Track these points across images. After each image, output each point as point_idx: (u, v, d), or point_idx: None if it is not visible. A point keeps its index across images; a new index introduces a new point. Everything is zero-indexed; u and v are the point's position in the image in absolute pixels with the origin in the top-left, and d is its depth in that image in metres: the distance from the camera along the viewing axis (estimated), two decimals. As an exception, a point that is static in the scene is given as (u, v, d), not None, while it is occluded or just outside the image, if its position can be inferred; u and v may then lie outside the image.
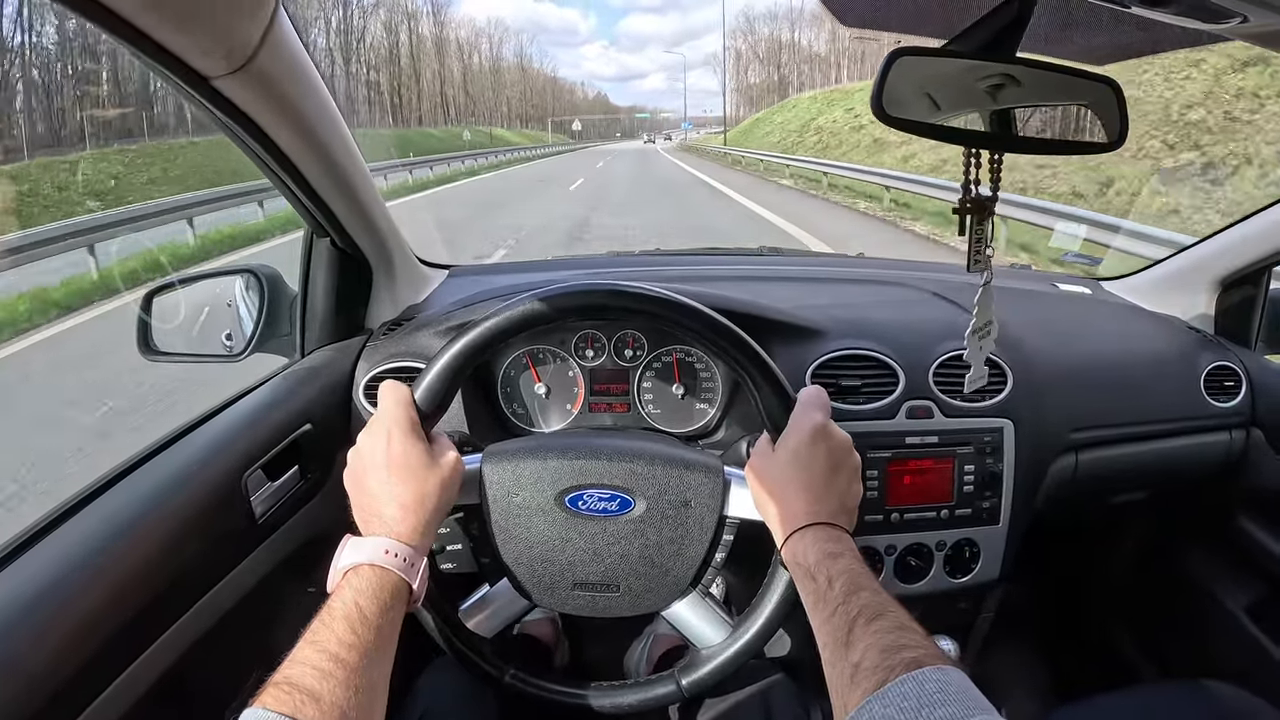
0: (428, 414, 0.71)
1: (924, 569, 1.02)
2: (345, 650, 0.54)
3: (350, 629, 0.56)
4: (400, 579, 0.62)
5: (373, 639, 0.56)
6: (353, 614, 0.57)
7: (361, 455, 0.69)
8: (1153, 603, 1.45)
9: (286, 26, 0.70)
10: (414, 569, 0.64)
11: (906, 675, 0.49)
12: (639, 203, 14.78)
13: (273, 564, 0.87)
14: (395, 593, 0.61)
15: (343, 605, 0.58)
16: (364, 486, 0.67)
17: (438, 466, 0.68)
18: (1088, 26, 0.84)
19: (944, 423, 1.01)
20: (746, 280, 1.24)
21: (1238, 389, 1.22)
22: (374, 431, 0.69)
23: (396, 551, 0.63)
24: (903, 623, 0.55)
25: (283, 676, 0.52)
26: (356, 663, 0.54)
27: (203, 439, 0.84)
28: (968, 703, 0.47)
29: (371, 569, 0.61)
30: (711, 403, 1.06)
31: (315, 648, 0.54)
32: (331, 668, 0.52)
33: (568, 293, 0.74)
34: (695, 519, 0.74)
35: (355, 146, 0.91)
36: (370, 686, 0.54)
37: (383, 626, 0.58)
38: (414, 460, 0.67)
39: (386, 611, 0.59)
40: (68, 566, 0.64)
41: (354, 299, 1.10)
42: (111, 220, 7.42)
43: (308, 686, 0.51)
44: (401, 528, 0.65)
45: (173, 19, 0.59)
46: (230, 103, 0.72)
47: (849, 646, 0.55)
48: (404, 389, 0.71)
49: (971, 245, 0.79)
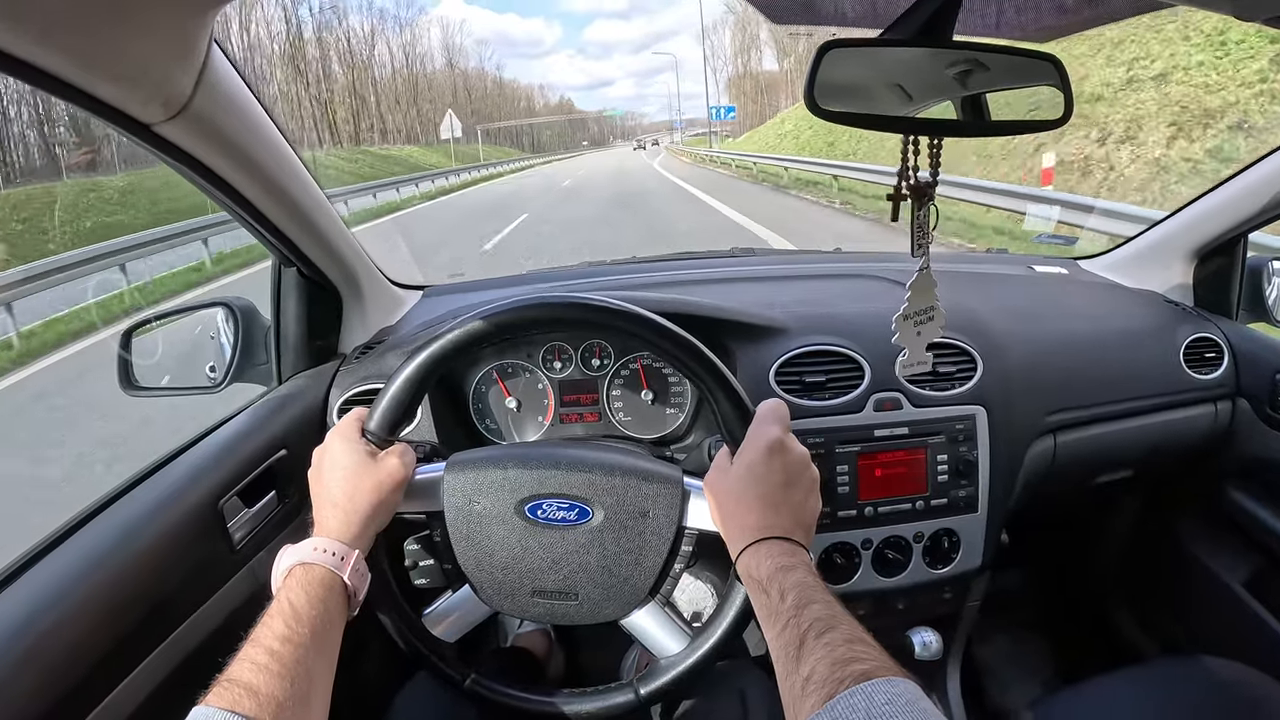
0: (382, 431, 0.73)
1: (903, 562, 1.02)
2: (280, 643, 0.57)
3: (284, 623, 0.59)
4: (329, 572, 0.64)
5: (305, 632, 0.59)
6: (286, 610, 0.60)
7: (311, 468, 0.73)
8: (1149, 581, 1.44)
9: (223, 66, 0.72)
10: (344, 563, 0.66)
11: (855, 688, 0.49)
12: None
13: (253, 588, 0.88)
14: (325, 586, 0.64)
15: (276, 604, 0.61)
16: (313, 495, 0.72)
17: (373, 468, 0.71)
18: (1026, 5, 0.84)
19: (913, 413, 1.00)
20: (716, 283, 1.25)
21: (1220, 360, 1.21)
22: (322, 445, 0.73)
23: (325, 548, 0.66)
24: (854, 635, 0.55)
25: (225, 675, 0.55)
26: (290, 655, 0.57)
27: (180, 469, 0.86)
28: (916, 714, 0.47)
29: (302, 567, 0.64)
30: (681, 408, 1.07)
31: (254, 645, 0.57)
32: (267, 661, 0.55)
33: (525, 305, 0.74)
34: (653, 529, 0.75)
35: (309, 176, 0.92)
36: (305, 675, 0.57)
37: (315, 619, 0.61)
38: (347, 462, 0.70)
39: (317, 604, 0.62)
40: (49, 598, 0.66)
41: (326, 325, 1.12)
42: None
43: (245, 681, 0.54)
44: (331, 524, 0.68)
45: (104, 73, 0.60)
46: (175, 145, 0.73)
47: (800, 660, 0.55)
48: (357, 410, 0.75)
49: (914, 231, 0.80)
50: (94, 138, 21.05)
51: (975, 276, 1.32)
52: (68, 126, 26.91)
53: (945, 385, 1.02)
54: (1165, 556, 1.39)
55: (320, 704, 0.59)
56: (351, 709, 0.71)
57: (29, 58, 0.54)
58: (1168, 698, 0.93)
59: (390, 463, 0.72)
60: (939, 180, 0.78)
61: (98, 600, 0.68)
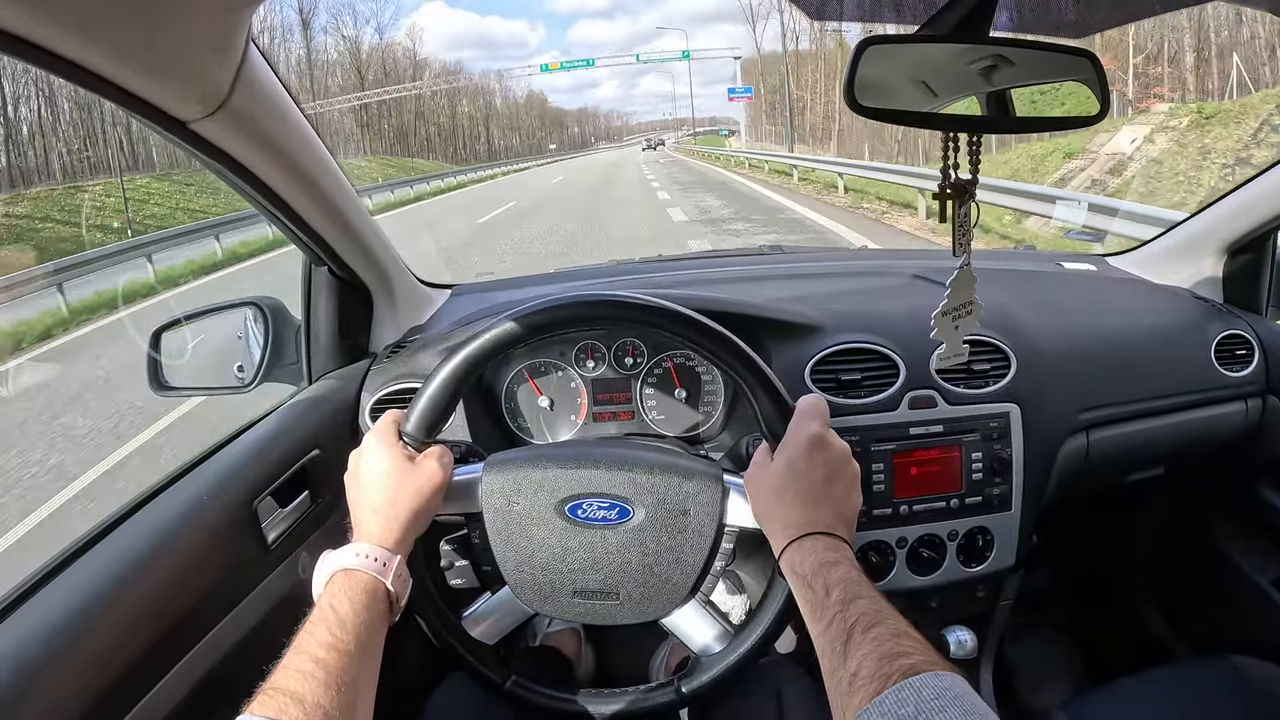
0: (419, 433, 0.73)
1: (937, 560, 1.01)
2: (324, 651, 0.57)
3: (328, 631, 0.58)
4: (373, 579, 0.64)
5: (350, 639, 0.59)
6: (329, 617, 0.60)
7: (349, 474, 0.73)
8: (1180, 579, 1.43)
9: (259, 64, 0.72)
10: (387, 569, 0.66)
11: (904, 682, 0.49)
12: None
13: (286, 588, 0.88)
14: (369, 593, 0.63)
15: (320, 611, 0.61)
16: (350, 500, 0.71)
17: (415, 473, 0.71)
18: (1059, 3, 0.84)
19: (948, 411, 1.00)
20: (746, 281, 1.24)
21: (1250, 357, 1.20)
22: (359, 452, 0.72)
23: (367, 553, 0.65)
24: (900, 629, 0.55)
25: (269, 683, 0.54)
26: (335, 663, 0.56)
27: (213, 469, 0.86)
28: (966, 708, 0.47)
29: (345, 573, 0.64)
30: (715, 405, 1.07)
31: (297, 653, 0.57)
32: (312, 669, 0.55)
33: (563, 304, 0.74)
34: (694, 527, 0.74)
35: (342, 175, 0.92)
36: (351, 684, 0.57)
37: (359, 627, 0.60)
38: (386, 466, 0.70)
39: (362, 612, 0.62)
40: (85, 600, 0.66)
41: (356, 324, 1.12)
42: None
43: (291, 689, 0.53)
44: (372, 529, 0.68)
45: (143, 68, 0.60)
46: (210, 143, 0.73)
47: (846, 655, 0.55)
48: (393, 413, 0.75)
49: (955, 230, 0.79)
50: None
51: (1005, 273, 1.31)
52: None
53: (979, 383, 1.01)
54: (1195, 555, 1.38)
55: (364, 712, 0.59)
56: (386, 712, 0.72)
57: (68, 53, 0.54)
58: (1198, 698, 0.93)
59: (429, 466, 0.71)
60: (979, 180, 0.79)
61: (134, 601, 0.68)
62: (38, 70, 0.56)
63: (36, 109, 32.47)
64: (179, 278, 9.85)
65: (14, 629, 0.62)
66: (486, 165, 51.68)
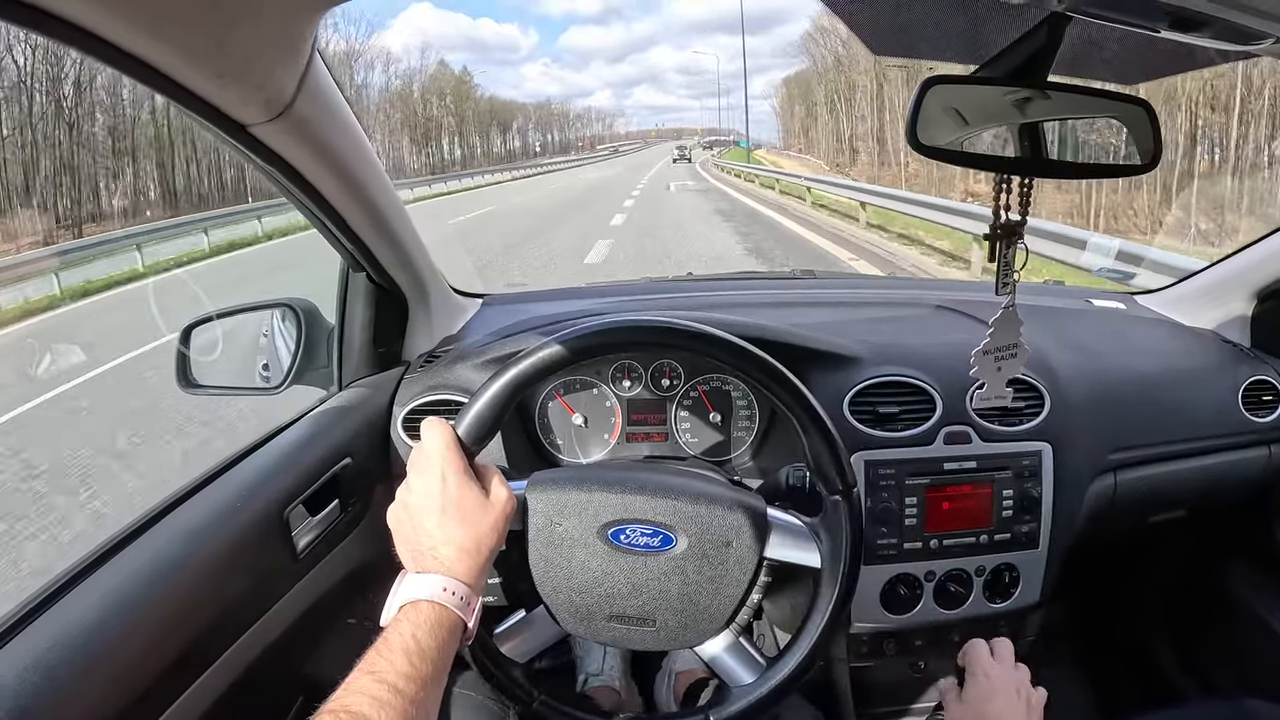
0: (472, 449, 0.72)
1: (964, 595, 1.01)
2: (404, 682, 0.55)
3: (409, 661, 0.57)
4: (457, 617, 0.63)
5: (429, 672, 0.57)
6: (410, 647, 0.58)
7: (414, 494, 0.69)
8: (1193, 621, 1.42)
9: (322, 73, 0.71)
10: (470, 608, 0.64)
11: None
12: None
13: (314, 597, 0.88)
14: (452, 630, 0.62)
15: (400, 638, 0.59)
16: (420, 526, 0.67)
17: (491, 508, 0.68)
18: (1118, 50, 0.84)
19: (982, 448, 1.00)
20: (781, 306, 1.24)
21: (1276, 403, 1.20)
22: (426, 473, 0.68)
23: (455, 590, 0.63)
24: None
25: (339, 704, 0.52)
26: (414, 694, 0.55)
27: (244, 474, 0.85)
28: None
29: (430, 605, 0.62)
30: (749, 431, 1.06)
31: (373, 678, 0.55)
32: (390, 698, 0.53)
33: (625, 327, 0.74)
34: (736, 559, 0.74)
35: (391, 185, 0.92)
36: (423, 718, 0.55)
37: (438, 661, 0.59)
38: (469, 503, 0.67)
39: (443, 648, 0.60)
40: (114, 604, 0.65)
41: (391, 331, 1.11)
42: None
43: (365, 715, 0.52)
44: (459, 567, 0.65)
45: (210, 72, 0.60)
46: (268, 148, 0.73)
47: None
48: (449, 428, 0.71)
49: (1000, 269, 0.80)
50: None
51: (1034, 309, 1.31)
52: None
53: (1014, 420, 1.01)
54: (1212, 597, 1.38)
55: None
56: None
57: (138, 51, 0.54)
58: None
59: (501, 497, 0.69)
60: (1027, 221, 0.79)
61: (164, 605, 0.68)
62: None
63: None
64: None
65: (44, 632, 0.61)
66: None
